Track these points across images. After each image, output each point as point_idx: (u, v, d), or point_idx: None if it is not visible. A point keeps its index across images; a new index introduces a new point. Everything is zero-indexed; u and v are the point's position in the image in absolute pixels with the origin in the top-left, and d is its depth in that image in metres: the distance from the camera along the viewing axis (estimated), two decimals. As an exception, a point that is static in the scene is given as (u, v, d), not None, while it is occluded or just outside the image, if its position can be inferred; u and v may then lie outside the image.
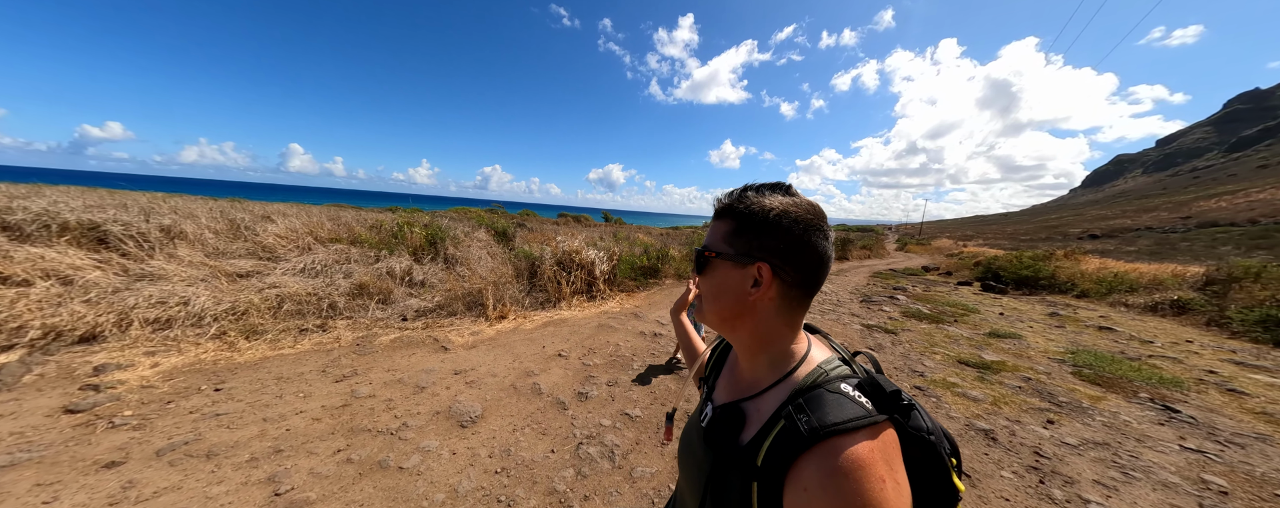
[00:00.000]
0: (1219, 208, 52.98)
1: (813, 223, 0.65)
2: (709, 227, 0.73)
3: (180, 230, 4.72)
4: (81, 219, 4.16)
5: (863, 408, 0.57)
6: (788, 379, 0.66)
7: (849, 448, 0.52)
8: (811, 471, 0.52)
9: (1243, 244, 29.35)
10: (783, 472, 0.55)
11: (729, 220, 0.68)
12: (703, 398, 0.85)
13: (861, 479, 0.49)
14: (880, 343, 5.53)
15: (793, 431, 0.56)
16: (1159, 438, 3.23)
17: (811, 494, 0.51)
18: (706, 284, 0.71)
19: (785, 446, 0.56)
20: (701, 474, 0.69)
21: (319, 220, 6.88)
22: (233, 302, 4.00)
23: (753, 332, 0.69)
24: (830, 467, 0.51)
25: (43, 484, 1.96)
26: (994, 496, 2.42)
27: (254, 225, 5.63)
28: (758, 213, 0.65)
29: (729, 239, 0.67)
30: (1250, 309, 7.74)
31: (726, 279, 0.67)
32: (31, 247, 3.78)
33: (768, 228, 0.65)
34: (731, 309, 0.68)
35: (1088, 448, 3.02)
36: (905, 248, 33.60)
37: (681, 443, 0.83)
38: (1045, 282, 12.13)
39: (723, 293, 0.68)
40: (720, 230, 0.69)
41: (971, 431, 3.20)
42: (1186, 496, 2.51)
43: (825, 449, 0.52)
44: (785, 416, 0.59)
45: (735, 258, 0.66)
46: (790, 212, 0.65)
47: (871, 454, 0.52)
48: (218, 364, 3.29)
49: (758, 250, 0.65)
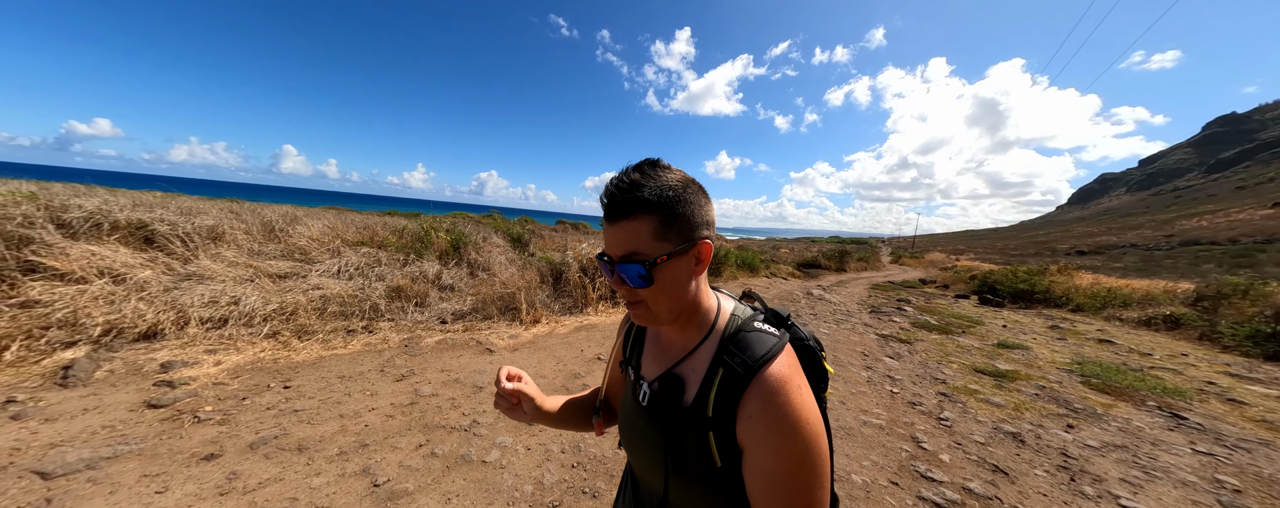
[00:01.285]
0: (1201, 227, 54.47)
1: (697, 182, 0.67)
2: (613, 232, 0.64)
3: (221, 231, 4.81)
4: (130, 218, 4.25)
5: (773, 336, 0.67)
6: (713, 332, 0.71)
7: (774, 370, 0.62)
8: (752, 398, 0.61)
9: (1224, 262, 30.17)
10: (733, 412, 0.62)
11: (650, 216, 0.62)
12: (631, 380, 0.83)
13: (787, 390, 0.60)
14: (898, 352, 5.73)
15: (732, 374, 0.63)
16: (1171, 442, 3.44)
17: (756, 419, 0.60)
18: (656, 290, 0.65)
19: (730, 388, 0.63)
20: (656, 449, 0.71)
21: (344, 224, 6.98)
22: (280, 302, 4.10)
23: (691, 305, 0.70)
24: (765, 390, 0.60)
25: (149, 475, 2.06)
26: (1032, 492, 2.60)
27: (287, 228, 5.73)
28: (673, 197, 0.63)
29: (661, 234, 0.63)
30: (1241, 324, 8.03)
31: (676, 274, 0.65)
32: (84, 244, 3.86)
33: (688, 205, 0.64)
34: (682, 297, 0.68)
35: (1109, 450, 3.21)
36: (899, 261, 34.09)
37: (623, 429, 0.84)
38: (1041, 296, 12.43)
39: (674, 287, 0.66)
40: (645, 230, 0.62)
41: (1000, 434, 3.39)
42: (1205, 493, 2.70)
43: (759, 379, 0.61)
44: (722, 363, 0.65)
45: (677, 251, 0.63)
46: (687, 181, 0.66)
47: (788, 369, 0.63)
48: (278, 363, 3.38)
49: (692, 232, 0.64)
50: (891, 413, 3.66)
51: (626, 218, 0.62)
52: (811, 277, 16.84)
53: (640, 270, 0.62)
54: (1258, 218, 54.49)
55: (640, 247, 0.62)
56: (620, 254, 0.64)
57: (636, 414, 0.77)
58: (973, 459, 2.96)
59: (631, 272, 0.63)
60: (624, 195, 0.62)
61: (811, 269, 18.74)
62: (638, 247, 0.62)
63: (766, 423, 0.59)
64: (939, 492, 2.52)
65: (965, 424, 3.54)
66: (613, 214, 0.63)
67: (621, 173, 0.64)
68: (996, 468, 2.85)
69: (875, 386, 4.34)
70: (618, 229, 0.63)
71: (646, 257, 0.62)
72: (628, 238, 0.63)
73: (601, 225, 0.68)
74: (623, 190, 0.62)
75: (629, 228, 0.62)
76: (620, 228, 0.63)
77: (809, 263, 19.78)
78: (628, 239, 0.63)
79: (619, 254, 0.64)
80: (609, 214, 0.64)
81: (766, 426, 0.59)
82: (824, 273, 18.45)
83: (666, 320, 0.69)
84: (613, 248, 0.65)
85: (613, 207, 0.63)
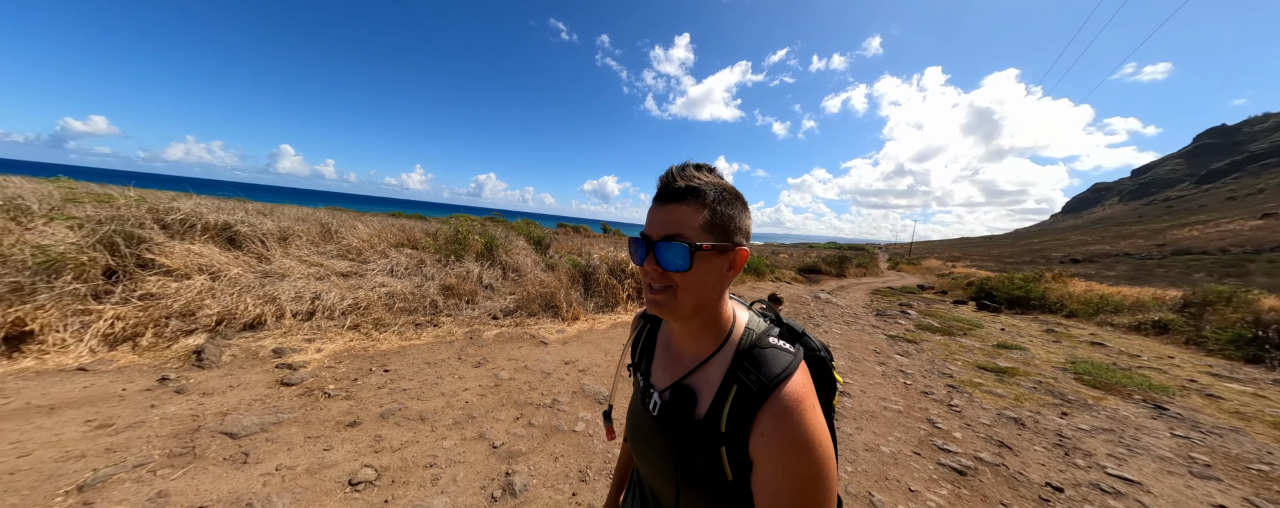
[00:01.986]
0: (1192, 236, 55.39)
1: (742, 196, 0.70)
2: (662, 213, 0.66)
3: (293, 232, 5.24)
4: (217, 220, 4.68)
5: (789, 353, 0.68)
6: (727, 344, 0.71)
7: (789, 390, 0.63)
8: (767, 418, 0.61)
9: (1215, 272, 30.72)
10: (747, 429, 0.63)
11: (700, 208, 0.65)
12: (640, 386, 0.83)
13: (801, 410, 0.61)
14: (907, 350, 6.21)
15: (746, 391, 0.64)
16: (1153, 428, 3.91)
17: (769, 438, 0.61)
18: (689, 277, 0.66)
19: (744, 406, 0.63)
20: (666, 460, 0.71)
21: (382, 226, 7.41)
22: (354, 298, 4.53)
23: (712, 311, 0.71)
24: (780, 410, 0.61)
25: (312, 438, 2.49)
26: (1033, 462, 3.06)
27: (341, 230, 6.16)
28: (729, 197, 0.66)
29: (708, 227, 0.65)
30: (1224, 330, 8.51)
31: (710, 269, 0.66)
32: (185, 244, 4.29)
33: (736, 210, 0.67)
34: (709, 296, 0.68)
35: (1097, 433, 3.69)
36: (897, 267, 34.63)
37: (633, 435, 0.84)
38: (1036, 302, 12.93)
39: (704, 283, 0.67)
40: (695, 220, 0.64)
41: (1003, 418, 3.86)
42: (1179, 466, 3.18)
43: (774, 398, 0.62)
44: (737, 380, 0.66)
45: (718, 247, 0.65)
46: (736, 191, 0.69)
47: (803, 388, 0.64)
48: (367, 351, 3.82)
49: (735, 234, 0.67)
50: (907, 401, 4.13)
51: (681, 201, 0.64)
52: (813, 282, 17.33)
53: (682, 252, 0.63)
54: (1247, 229, 55.42)
55: (687, 231, 0.64)
56: (665, 234, 0.65)
57: (646, 422, 0.77)
58: (981, 437, 3.43)
59: (674, 251, 0.64)
60: (685, 181, 0.64)
61: (813, 274, 19.23)
62: (684, 231, 0.64)
63: (779, 441, 0.60)
64: (955, 460, 2.99)
65: (972, 410, 4.01)
66: (668, 196, 0.65)
67: (682, 164, 0.67)
68: (1002, 444, 3.32)
69: (890, 379, 4.81)
70: (669, 210, 0.65)
71: (690, 240, 0.63)
72: (678, 219, 0.64)
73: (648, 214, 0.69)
74: (684, 176, 0.65)
75: (681, 211, 0.64)
76: (672, 210, 0.65)
77: (810, 268, 20.27)
78: (677, 221, 0.64)
79: (663, 234, 0.65)
80: (664, 195, 0.66)
81: (779, 444, 0.60)
82: (825, 278, 18.93)
83: (687, 315, 0.69)
84: (658, 228, 0.66)
85: (669, 190, 0.65)
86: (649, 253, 0.66)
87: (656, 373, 0.80)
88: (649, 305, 0.70)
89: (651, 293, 0.68)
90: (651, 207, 0.68)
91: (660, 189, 0.66)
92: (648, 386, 0.80)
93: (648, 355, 0.86)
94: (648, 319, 0.93)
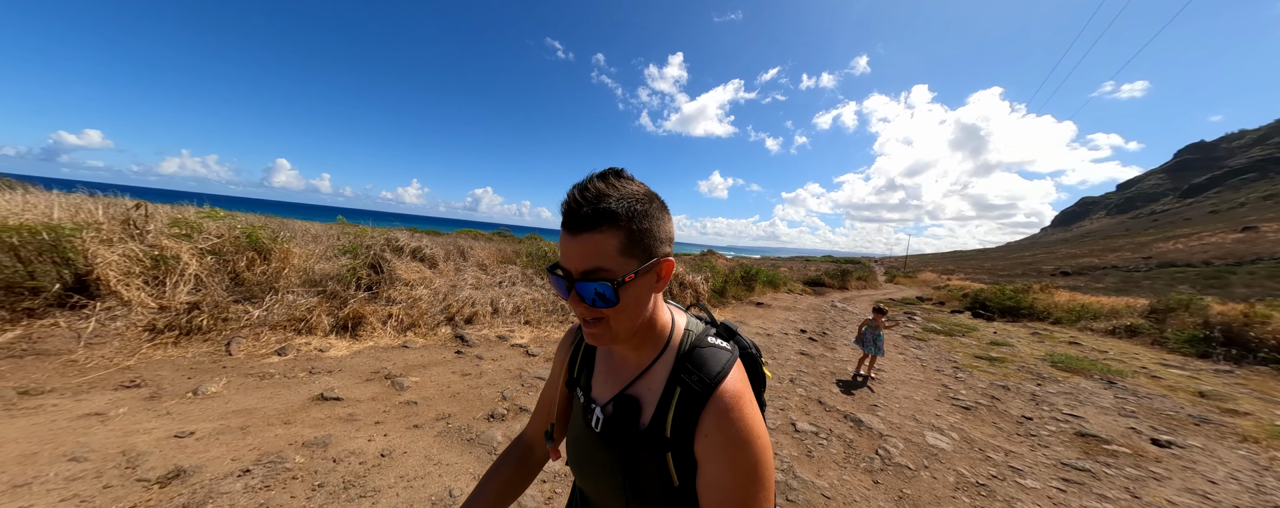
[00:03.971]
0: (1176, 249, 57.56)
1: (659, 196, 0.65)
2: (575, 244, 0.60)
3: (463, 250, 6.82)
4: (416, 245, 6.26)
5: (726, 350, 0.70)
6: (668, 348, 0.71)
7: (728, 388, 0.64)
8: (709, 417, 0.63)
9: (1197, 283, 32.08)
10: (691, 430, 0.64)
11: (616, 230, 0.59)
12: (581, 403, 0.80)
13: (741, 406, 0.63)
14: (919, 345, 7.80)
15: (690, 392, 0.65)
16: (1102, 393, 5.49)
17: (712, 437, 0.62)
18: (619, 309, 0.62)
19: (688, 408, 0.64)
20: (612, 475, 0.70)
21: (482, 246, 9.00)
22: (517, 302, 6.09)
23: (649, 322, 0.69)
24: (721, 407, 0.63)
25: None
26: (1014, 408, 4.63)
27: (468, 250, 7.74)
28: (640, 211, 0.61)
29: (627, 250, 0.60)
30: (1182, 332, 10.12)
31: (639, 292, 0.63)
32: (407, 262, 5.86)
33: (653, 220, 0.62)
34: (642, 316, 0.67)
35: (1061, 395, 5.27)
36: (894, 280, 36.22)
37: (574, 455, 0.81)
38: (1025, 311, 14.55)
39: (636, 306, 0.64)
40: (611, 244, 0.59)
41: (995, 385, 5.45)
42: (1113, 412, 4.75)
43: (715, 397, 0.63)
44: (680, 382, 0.66)
45: (643, 269, 0.61)
46: (651, 194, 0.64)
47: (740, 384, 0.66)
48: (549, 337, 5.36)
49: (655, 248, 0.63)
50: (926, 375, 5.73)
51: (591, 230, 0.59)
52: (820, 293, 18.86)
53: (606, 290, 0.59)
54: (1229, 241, 57.58)
55: (605, 262, 0.59)
56: (583, 269, 0.60)
57: (588, 440, 0.75)
58: (978, 393, 5.03)
59: (595, 290, 0.60)
60: (590, 205, 0.58)
61: (817, 287, 20.74)
62: (602, 262, 0.59)
63: (721, 439, 0.61)
64: (963, 403, 4.58)
65: (972, 380, 5.61)
66: (576, 225, 0.59)
67: (586, 181, 0.61)
68: (993, 397, 4.92)
69: (910, 362, 6.39)
70: (580, 242, 0.59)
71: (613, 274, 0.59)
72: (591, 252, 0.59)
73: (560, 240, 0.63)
74: (588, 200, 0.59)
75: (593, 241, 0.59)
76: (583, 240, 0.59)
77: (814, 281, 21.74)
78: (591, 253, 0.59)
79: (581, 269, 0.60)
80: (571, 224, 0.60)
81: (721, 441, 0.61)
82: (829, 290, 20.45)
83: (624, 339, 0.67)
84: (574, 262, 0.60)
85: (577, 217, 0.59)
86: (571, 289, 0.62)
87: (598, 386, 0.78)
88: (587, 337, 0.66)
89: (586, 326, 0.65)
90: (563, 234, 0.61)
91: (567, 217, 0.60)
92: (588, 402, 0.77)
93: (586, 370, 0.82)
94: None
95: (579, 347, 0.86)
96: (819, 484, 2.71)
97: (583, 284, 0.60)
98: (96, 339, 3.24)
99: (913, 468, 3.04)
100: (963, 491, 2.80)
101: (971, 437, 3.76)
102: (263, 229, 4.55)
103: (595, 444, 0.73)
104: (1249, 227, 63.69)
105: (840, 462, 3.06)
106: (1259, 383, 6.61)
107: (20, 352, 2.99)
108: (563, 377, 0.89)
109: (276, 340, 3.86)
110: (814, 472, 2.88)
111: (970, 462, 3.26)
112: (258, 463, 2.21)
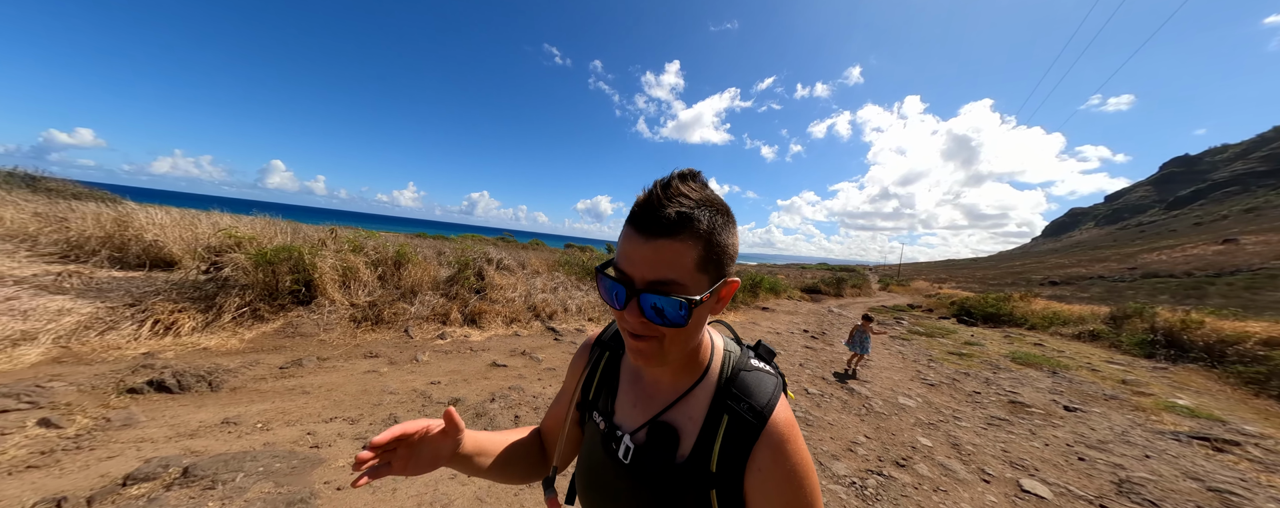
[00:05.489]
0: (1160, 260, 59.49)
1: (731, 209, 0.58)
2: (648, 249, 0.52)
3: (523, 262, 8.29)
4: (501, 257, 7.75)
5: (771, 375, 0.64)
6: (708, 372, 0.64)
7: (781, 417, 0.58)
8: (764, 451, 0.57)
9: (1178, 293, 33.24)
10: (742, 466, 0.57)
11: (695, 242, 0.52)
12: (601, 429, 0.70)
13: (795, 438, 0.58)
14: (904, 344, 9.32)
15: (740, 422, 0.58)
16: (1044, 379, 7.02)
17: (767, 473, 0.56)
18: (682, 331, 0.55)
19: (739, 440, 0.57)
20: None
21: (531, 254, 10.46)
22: (579, 302, 7.54)
23: (698, 344, 0.63)
24: (777, 440, 0.57)
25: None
26: (970, 386, 6.14)
27: (525, 260, 9.22)
28: (722, 223, 0.54)
29: (703, 266, 0.53)
30: (1134, 335, 11.67)
31: (703, 315, 0.57)
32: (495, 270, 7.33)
33: (729, 234, 0.56)
34: (696, 339, 0.60)
35: (1009, 380, 6.79)
36: (888, 288, 37.81)
37: (590, 489, 0.71)
38: (1005, 317, 16.15)
39: (697, 329, 0.58)
40: (689, 259, 0.52)
41: (959, 372, 6.98)
42: (1046, 390, 6.26)
43: (769, 428, 0.57)
44: (727, 410, 0.59)
45: (714, 289, 0.55)
46: (726, 206, 0.57)
47: (790, 413, 0.60)
48: (607, 334, 6.81)
49: (727, 267, 0.57)
50: (904, 364, 7.26)
51: (670, 236, 0.51)
52: (817, 300, 20.35)
53: (674, 307, 0.52)
54: (1210, 253, 59.59)
55: (680, 275, 0.52)
56: (652, 279, 0.52)
57: (613, 474, 0.66)
58: (944, 377, 6.57)
59: (668, 306, 0.52)
60: (678, 207, 0.51)
61: (814, 294, 22.18)
62: (676, 274, 0.51)
63: (778, 475, 0.56)
64: (929, 381, 6.10)
65: (941, 369, 7.14)
66: (654, 228, 0.51)
67: (669, 178, 0.53)
68: (955, 379, 6.45)
69: (893, 356, 7.92)
70: (655, 247, 0.51)
71: (686, 290, 0.52)
72: (667, 260, 0.51)
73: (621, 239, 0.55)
74: (675, 200, 0.51)
75: (671, 249, 0.51)
76: (659, 247, 0.51)
77: (811, 288, 23.15)
78: (667, 262, 0.51)
79: (650, 278, 0.52)
80: (647, 226, 0.51)
81: (778, 478, 0.55)
82: (825, 297, 21.95)
83: (673, 362, 0.60)
84: (642, 268, 0.52)
85: (656, 219, 0.51)
86: (631, 299, 0.53)
87: (623, 411, 0.69)
88: (631, 354, 0.58)
89: (633, 341, 0.56)
90: (629, 234, 0.53)
91: (642, 216, 0.52)
92: (612, 428, 0.68)
93: (607, 391, 0.73)
94: (606, 347, 0.78)
95: (598, 366, 0.77)
96: (826, 420, 4.21)
97: (647, 297, 0.52)
98: (327, 327, 4.68)
99: (886, 414, 4.56)
100: (918, 426, 4.30)
101: (931, 401, 5.26)
102: (407, 246, 6.01)
103: (622, 479, 0.64)
104: (1229, 239, 65.97)
105: (839, 410, 4.57)
106: (1182, 376, 8.17)
107: (289, 334, 4.43)
108: (574, 399, 0.78)
109: (433, 329, 5.30)
110: (821, 414, 4.38)
111: (927, 413, 4.77)
112: (492, 397, 3.67)
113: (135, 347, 3.69)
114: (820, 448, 3.56)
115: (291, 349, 4.22)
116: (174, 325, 3.99)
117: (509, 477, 0.77)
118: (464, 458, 0.69)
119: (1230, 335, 9.39)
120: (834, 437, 3.84)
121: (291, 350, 4.19)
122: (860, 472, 3.22)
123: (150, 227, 5.44)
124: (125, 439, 2.54)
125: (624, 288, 0.54)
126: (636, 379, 0.71)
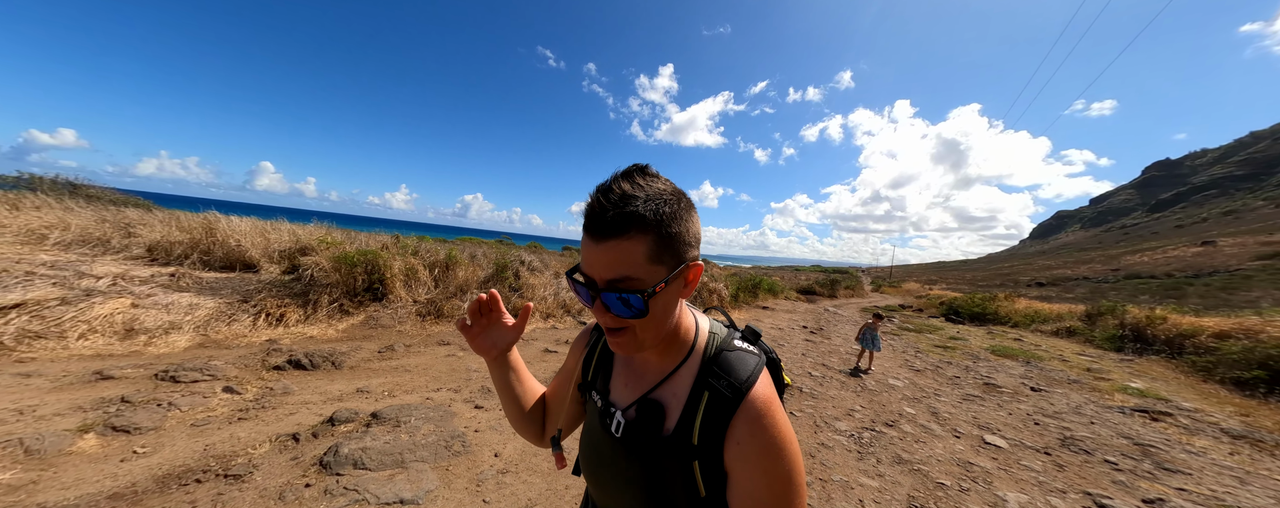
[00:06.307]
0: (1142, 262, 61.11)
1: (685, 193, 0.61)
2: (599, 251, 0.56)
3: (549, 263, 9.08)
4: (529, 259, 8.52)
5: (754, 354, 0.68)
6: (693, 352, 0.69)
7: (759, 393, 0.62)
8: (741, 424, 0.60)
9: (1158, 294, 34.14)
10: (720, 437, 0.61)
11: (644, 234, 0.55)
12: (598, 407, 0.77)
13: (773, 412, 0.61)
14: (894, 339, 10.19)
15: (719, 398, 0.62)
16: (1018, 368, 7.91)
17: (745, 444, 0.59)
18: (648, 319, 0.59)
19: (718, 413, 0.61)
20: (633, 485, 0.68)
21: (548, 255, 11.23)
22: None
23: (674, 327, 0.67)
24: (753, 413, 0.60)
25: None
26: (951, 372, 6.99)
27: (546, 260, 10.00)
28: (669, 213, 0.57)
29: (656, 256, 0.57)
30: (1106, 331, 12.61)
31: (668, 300, 0.61)
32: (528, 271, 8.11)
33: (681, 222, 0.59)
34: (668, 323, 0.64)
35: (986, 367, 7.67)
36: (880, 289, 38.78)
37: (591, 463, 0.78)
38: (990, 316, 17.12)
39: (665, 314, 0.62)
40: (639, 251, 0.55)
41: (942, 362, 7.84)
42: (1018, 375, 7.15)
43: (747, 403, 0.61)
44: (708, 387, 0.64)
45: (672, 276, 0.58)
46: (678, 192, 0.60)
47: (770, 389, 0.64)
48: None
49: (685, 252, 0.60)
50: (894, 355, 8.15)
51: (617, 236, 0.55)
52: (812, 301, 21.21)
53: (634, 300, 0.56)
54: (1189, 255, 61.28)
55: (633, 270, 0.56)
56: (609, 278, 0.57)
57: (608, 447, 0.72)
58: (929, 365, 7.43)
59: (624, 300, 0.56)
60: (616, 209, 0.55)
61: (809, 295, 23.02)
62: (630, 270, 0.56)
63: (755, 447, 0.59)
64: (916, 368, 6.95)
65: (927, 359, 8.03)
66: (601, 231, 0.55)
67: (610, 181, 0.57)
68: (938, 367, 7.30)
69: (885, 348, 8.77)
70: (606, 249, 0.56)
71: (641, 283, 0.56)
72: (618, 259, 0.56)
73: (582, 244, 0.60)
74: (613, 203, 0.55)
75: (620, 248, 0.55)
76: (609, 248, 0.56)
77: (806, 289, 23.98)
78: (618, 261, 0.56)
79: (607, 278, 0.57)
80: (595, 230, 0.56)
81: (756, 449, 0.58)
82: (820, 298, 22.83)
83: (650, 348, 0.65)
84: (598, 269, 0.57)
85: (602, 222, 0.55)
86: (596, 298, 0.59)
87: (617, 390, 0.76)
88: (610, 345, 0.64)
89: (610, 334, 0.63)
90: (585, 239, 0.58)
91: (591, 221, 0.56)
92: (607, 405, 0.75)
93: (603, 372, 0.80)
94: (602, 332, 0.82)
95: (595, 348, 0.84)
96: (829, 394, 5.05)
97: (608, 295, 0.57)
98: (401, 320, 5.43)
99: (878, 391, 5.41)
100: (905, 400, 5.15)
101: (917, 382, 6.12)
102: (455, 249, 6.78)
103: (615, 452, 0.70)
104: (1208, 241, 67.98)
105: (838, 389, 5.40)
106: (1143, 366, 9.09)
107: (372, 325, 5.19)
108: (576, 379, 0.86)
109: (485, 323, 6.06)
110: (824, 391, 5.21)
111: (913, 391, 5.63)
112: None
113: (257, 335, 4.43)
114: (825, 413, 4.39)
115: (379, 338, 4.97)
116: (283, 318, 4.73)
117: (518, 412, 0.89)
118: (508, 365, 0.88)
119: (1187, 330, 10.35)
120: (835, 406, 4.67)
121: (379, 339, 4.94)
122: (857, 429, 4.05)
123: (232, 233, 6.16)
124: (293, 401, 3.29)
125: (587, 289, 0.60)
126: (629, 361, 0.76)
